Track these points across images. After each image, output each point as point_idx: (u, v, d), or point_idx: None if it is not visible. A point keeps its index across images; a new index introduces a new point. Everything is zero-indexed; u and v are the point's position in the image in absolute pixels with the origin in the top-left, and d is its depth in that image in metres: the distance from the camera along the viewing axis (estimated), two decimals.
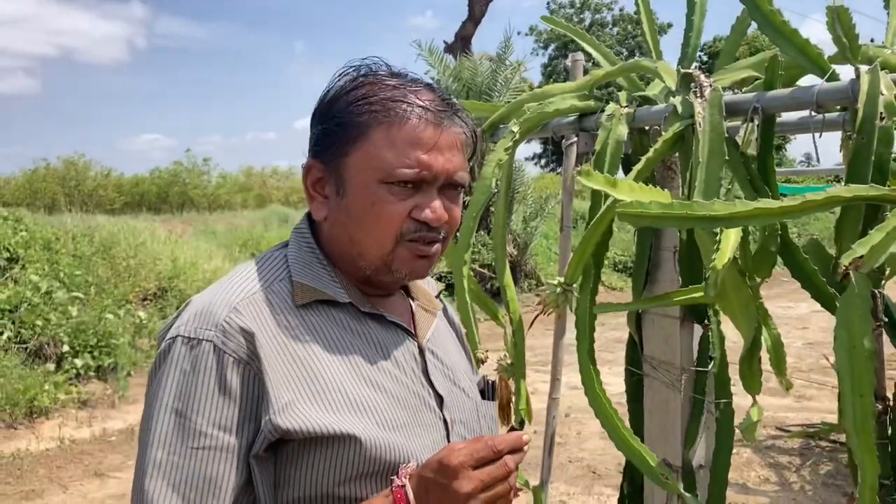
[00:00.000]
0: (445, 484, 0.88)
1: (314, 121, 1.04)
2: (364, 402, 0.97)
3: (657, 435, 1.65)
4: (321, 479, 0.94)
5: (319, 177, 1.03)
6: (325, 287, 1.02)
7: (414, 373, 1.06)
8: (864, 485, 0.97)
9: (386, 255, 1.02)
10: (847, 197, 0.95)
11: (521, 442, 0.93)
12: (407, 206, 1.00)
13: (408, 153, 0.99)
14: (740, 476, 4.34)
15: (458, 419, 1.08)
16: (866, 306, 0.98)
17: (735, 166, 1.28)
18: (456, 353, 1.20)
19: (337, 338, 1.01)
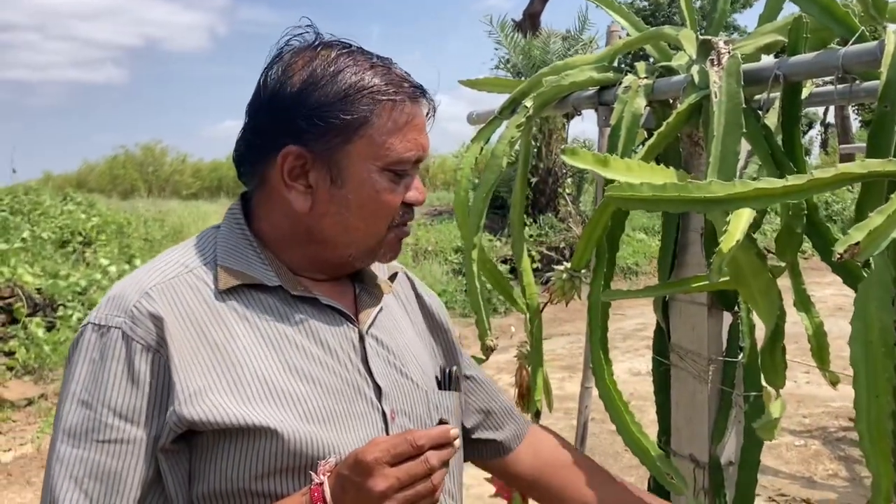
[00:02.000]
0: (360, 482, 0.83)
1: (283, 106, 0.97)
2: (287, 392, 0.92)
3: (684, 429, 1.55)
4: (237, 473, 0.89)
5: (300, 165, 0.97)
6: (251, 270, 0.98)
7: (350, 360, 1.00)
8: (878, 496, 0.87)
9: (380, 241, 1.02)
10: (860, 173, 0.84)
11: (447, 437, 0.86)
12: (401, 190, 1.01)
13: (409, 137, 0.99)
14: (807, 469, 4.15)
15: (401, 411, 1.02)
16: (886, 295, 0.88)
17: (756, 140, 1.17)
18: (413, 340, 1.13)
19: (262, 323, 0.96)
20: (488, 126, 1.64)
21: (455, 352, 1.21)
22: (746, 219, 1.01)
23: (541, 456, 1.28)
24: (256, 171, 1.02)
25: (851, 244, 0.71)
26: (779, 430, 1.09)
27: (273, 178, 0.99)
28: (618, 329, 8.06)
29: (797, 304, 1.28)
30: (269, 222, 1.02)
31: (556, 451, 1.29)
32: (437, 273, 10.28)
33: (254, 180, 1.03)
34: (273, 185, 0.99)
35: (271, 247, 1.01)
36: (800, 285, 1.27)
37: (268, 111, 0.98)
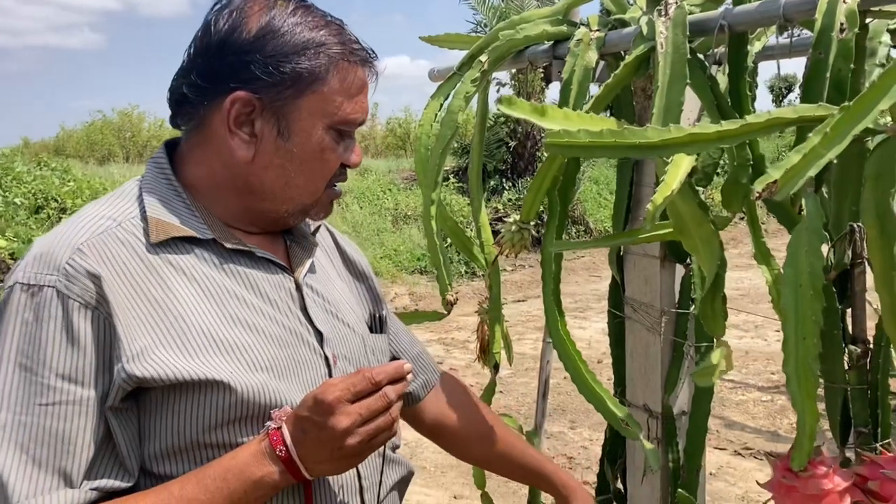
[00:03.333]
0: (322, 421, 0.85)
1: (237, 51, 0.95)
2: (232, 344, 0.92)
3: (638, 380, 1.58)
4: (188, 427, 0.89)
5: (247, 112, 0.96)
6: (183, 223, 0.96)
7: (290, 309, 1.00)
8: (803, 434, 0.90)
9: (315, 200, 1.03)
10: (792, 118, 0.85)
11: (401, 371, 0.89)
12: (341, 151, 1.01)
13: (357, 99, 1.00)
14: (773, 424, 4.24)
15: (341, 355, 1.04)
16: (817, 241, 0.90)
17: (701, 90, 1.18)
18: (343, 288, 1.15)
19: (201, 276, 0.94)
20: (447, 82, 1.63)
21: (379, 299, 1.23)
22: (684, 169, 1.02)
23: (443, 406, 1.33)
24: (196, 114, 0.99)
25: (770, 182, 0.73)
26: (717, 377, 1.11)
27: (215, 123, 0.97)
28: (593, 290, 8.13)
29: (756, 257, 1.30)
30: (203, 169, 1.00)
31: (459, 401, 1.35)
32: (416, 237, 10.28)
33: (191, 123, 1.00)
34: (214, 130, 0.97)
35: (202, 197, 0.99)
36: (759, 238, 1.29)
37: (218, 54, 0.95)
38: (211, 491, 0.86)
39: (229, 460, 0.88)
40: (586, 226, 11.67)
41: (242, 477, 0.86)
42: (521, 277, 9.21)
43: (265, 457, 0.87)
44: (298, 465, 0.87)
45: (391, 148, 20.36)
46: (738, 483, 3.64)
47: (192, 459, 0.90)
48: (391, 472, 1.10)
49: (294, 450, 0.87)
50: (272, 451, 0.87)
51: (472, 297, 8.12)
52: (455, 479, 3.84)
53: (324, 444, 0.86)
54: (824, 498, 0.95)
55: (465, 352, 6.24)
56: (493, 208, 10.77)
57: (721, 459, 3.90)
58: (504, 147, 12.10)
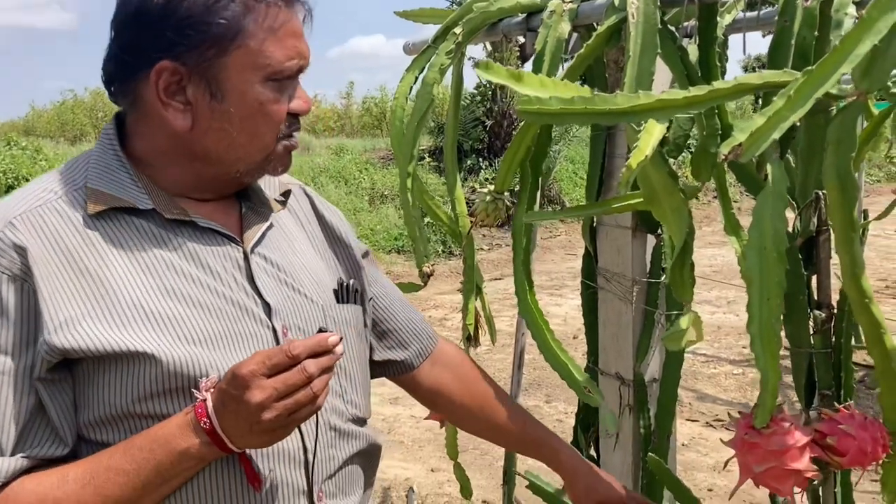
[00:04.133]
0: (237, 395, 0.83)
1: (151, 20, 0.91)
2: (164, 316, 0.91)
3: (610, 348, 1.61)
4: (118, 398, 0.89)
5: (175, 81, 0.93)
6: (122, 193, 0.94)
7: (235, 280, 0.98)
8: (765, 392, 0.93)
9: (268, 155, 0.99)
10: (758, 84, 0.87)
11: (324, 344, 0.85)
12: (285, 100, 0.97)
13: (287, 43, 0.95)
14: (744, 396, 4.33)
15: (294, 325, 1.01)
16: (781, 205, 0.92)
17: (672, 60, 1.20)
18: (309, 256, 1.12)
19: (137, 248, 0.93)
20: (422, 55, 1.63)
21: (359, 267, 1.19)
22: (656, 136, 1.03)
23: (441, 375, 1.30)
24: (129, 89, 0.96)
25: (735, 145, 0.75)
26: (686, 342, 1.14)
27: (148, 97, 0.94)
28: (568, 269, 8.18)
29: (726, 229, 1.32)
30: (145, 142, 0.98)
31: (458, 371, 1.32)
32: (393, 217, 10.27)
33: (127, 99, 0.98)
34: (149, 103, 0.95)
35: (148, 168, 0.98)
36: (729, 210, 1.31)
37: (135, 26, 0.93)
38: (138, 461, 0.86)
39: (157, 430, 0.88)
40: (562, 204, 11.70)
41: (168, 447, 0.86)
42: (498, 256, 9.24)
43: (190, 428, 0.87)
44: (222, 436, 0.86)
45: (367, 127, 20.23)
46: (709, 453, 3.71)
47: (126, 428, 0.90)
48: (345, 444, 1.07)
49: (216, 421, 0.86)
50: (197, 423, 0.86)
51: (450, 276, 8.14)
52: (432, 453, 3.88)
53: (241, 417, 0.84)
54: (785, 453, 0.98)
55: (443, 329, 6.27)
56: (469, 187, 10.77)
57: (693, 431, 3.98)
58: (480, 126, 12.08)
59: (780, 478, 1.02)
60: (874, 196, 11.34)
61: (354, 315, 1.13)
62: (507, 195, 1.35)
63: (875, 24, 0.72)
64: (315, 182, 11.18)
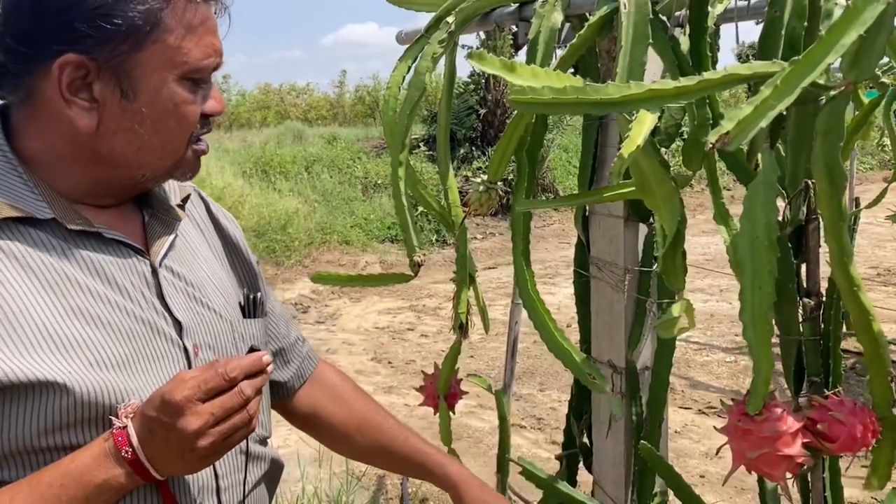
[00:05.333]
0: (170, 422, 0.78)
1: (56, 7, 0.83)
2: (73, 340, 0.83)
3: (603, 337, 1.63)
4: (20, 430, 0.80)
5: (81, 76, 0.85)
6: (17, 202, 0.85)
7: (143, 297, 0.91)
8: (758, 379, 0.94)
9: (178, 160, 0.93)
10: (747, 74, 0.88)
11: (259, 364, 0.82)
12: (199, 101, 0.92)
13: (205, 40, 0.89)
14: (736, 383, 4.36)
15: (205, 344, 0.96)
16: (772, 194, 0.93)
17: (663, 51, 1.20)
18: (212, 266, 1.05)
19: (37, 263, 0.84)
20: (415, 45, 1.63)
21: (256, 276, 1.14)
22: (648, 125, 1.04)
23: (319, 396, 1.25)
24: (22, 83, 0.87)
25: (723, 133, 0.76)
26: (678, 329, 1.15)
27: (46, 92, 0.85)
28: (562, 257, 8.21)
29: (716, 218, 1.33)
30: (40, 142, 0.88)
31: (336, 392, 1.27)
32: (386, 206, 10.27)
33: (18, 94, 0.88)
34: (47, 99, 0.86)
35: (42, 171, 0.89)
36: (719, 200, 1.32)
37: (33, 12, 0.83)
38: (46, 498, 0.78)
39: (68, 464, 0.80)
40: (556, 193, 11.72)
41: (83, 481, 0.79)
42: (492, 245, 9.26)
43: (109, 458, 0.80)
44: (146, 466, 0.80)
45: (360, 116, 20.20)
46: (701, 440, 3.74)
47: (30, 463, 0.82)
48: (254, 468, 1.02)
49: (141, 451, 0.80)
50: (117, 452, 0.80)
51: (444, 265, 8.16)
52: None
53: (173, 445, 0.79)
54: (778, 439, 1.00)
55: (437, 318, 6.29)
56: (462, 177, 10.78)
57: (686, 418, 4.01)
58: (474, 115, 12.06)
59: (773, 463, 1.04)
60: (866, 184, 11.38)
61: (260, 330, 1.08)
62: (501, 184, 1.36)
63: (861, 14, 0.73)
64: (309, 171, 11.16)
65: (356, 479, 3.27)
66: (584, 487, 1.74)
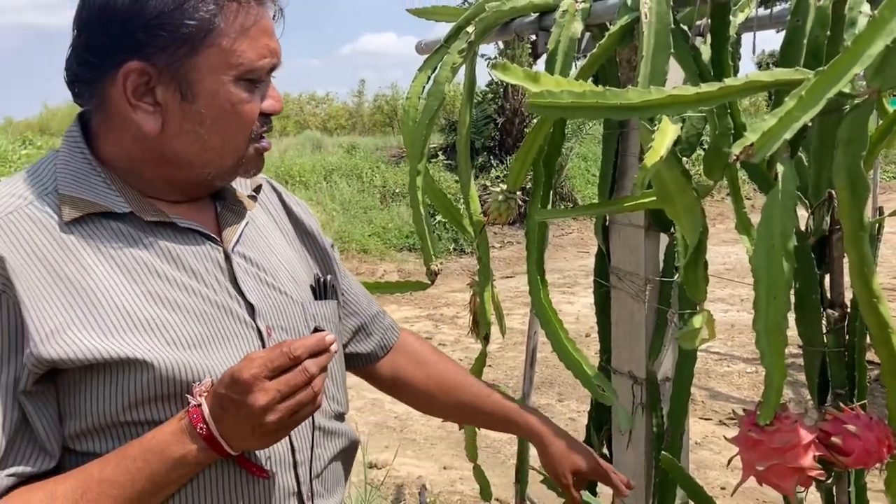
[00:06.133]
0: (240, 399, 0.82)
1: (117, 18, 0.88)
2: (152, 321, 0.88)
3: (623, 347, 1.61)
4: (108, 406, 0.86)
5: (144, 82, 0.90)
6: (98, 198, 0.91)
7: (217, 282, 0.96)
8: (770, 389, 0.93)
9: (240, 158, 0.97)
10: (769, 81, 0.87)
11: (322, 343, 0.85)
12: (257, 100, 0.95)
13: (259, 42, 0.92)
14: (757, 394, 4.30)
15: (277, 325, 1.00)
16: (791, 203, 0.92)
17: (684, 60, 1.20)
18: (285, 252, 1.10)
19: (117, 253, 0.90)
20: (435, 54, 1.64)
21: (329, 259, 1.18)
22: (671, 136, 1.04)
23: (402, 362, 1.31)
24: (94, 90, 0.93)
25: (747, 145, 0.75)
26: (700, 341, 1.14)
27: (115, 98, 0.91)
28: (581, 266, 8.17)
29: (738, 227, 1.32)
30: (114, 145, 0.94)
31: (418, 357, 1.33)
32: (404, 215, 10.28)
33: (93, 101, 0.94)
34: (116, 105, 0.91)
35: (119, 170, 0.94)
36: (741, 209, 1.31)
37: (100, 25, 0.89)
38: (131, 472, 0.83)
39: (150, 440, 0.85)
40: (574, 202, 11.69)
41: (163, 456, 0.84)
42: (510, 254, 9.24)
43: (185, 434, 0.84)
44: (220, 441, 0.85)
45: (378, 125, 20.27)
46: (722, 452, 3.70)
47: (115, 437, 0.88)
48: (328, 443, 1.06)
49: (214, 427, 0.84)
50: (192, 429, 0.84)
51: (461, 274, 8.15)
52: (445, 451, 3.89)
53: (243, 421, 0.83)
54: (788, 451, 0.98)
55: (454, 327, 6.28)
56: (481, 185, 10.78)
57: (706, 429, 3.97)
58: (492, 124, 12.07)
59: (783, 475, 1.02)
60: (890, 193, 11.24)
61: (332, 311, 1.12)
62: (519, 194, 1.36)
63: (888, 24, 0.72)
64: (327, 180, 11.21)
65: (375, 488, 3.27)
66: (604, 499, 1.73)
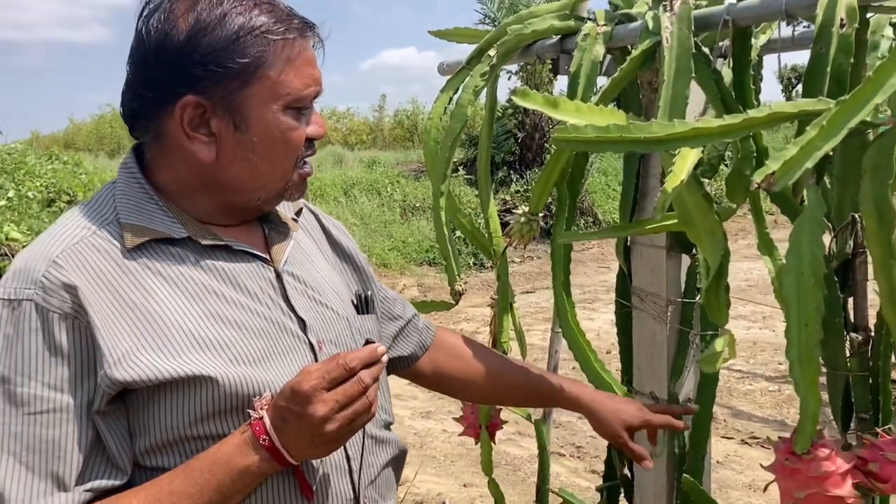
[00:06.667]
0: (300, 410, 0.87)
1: (173, 56, 0.94)
2: (214, 340, 0.93)
3: (645, 368, 1.61)
4: (176, 421, 0.91)
5: (199, 114, 0.95)
6: (157, 225, 0.97)
7: (271, 300, 1.02)
8: (805, 417, 0.93)
9: (287, 182, 1.03)
10: (792, 112, 0.88)
11: (375, 355, 0.90)
12: (303, 126, 1.00)
13: (304, 72, 0.98)
14: (780, 413, 4.26)
15: (327, 339, 1.05)
16: (819, 230, 0.92)
17: (706, 84, 1.20)
18: (327, 271, 1.16)
19: (178, 277, 0.96)
20: (457, 76, 1.66)
21: (366, 276, 1.24)
22: (691, 160, 1.05)
23: (440, 357, 1.38)
24: (150, 124, 0.99)
25: (768, 174, 0.76)
26: (721, 363, 1.14)
27: (172, 130, 0.97)
28: (601, 282, 8.15)
29: (760, 248, 1.32)
30: (170, 174, 1.00)
31: (455, 350, 1.40)
32: (424, 229, 10.31)
33: (149, 134, 1.00)
34: (173, 136, 0.97)
35: (174, 198, 1.00)
36: (763, 229, 1.31)
37: (156, 63, 0.95)
38: (199, 484, 0.88)
39: (215, 452, 0.90)
40: (594, 217, 11.67)
41: (228, 467, 0.89)
42: (530, 269, 9.23)
43: (249, 446, 0.89)
44: (282, 451, 0.89)
45: (399, 140, 20.38)
46: (744, 471, 3.66)
47: (182, 451, 0.93)
48: (380, 451, 1.12)
49: (276, 438, 0.89)
50: (255, 441, 0.89)
51: (481, 289, 8.15)
52: (465, 468, 3.88)
53: (304, 431, 0.88)
54: (826, 479, 0.98)
55: None
56: (500, 200, 10.79)
57: (728, 448, 3.93)
58: (512, 139, 12.10)
59: None
60: None
61: (373, 324, 1.18)
62: (541, 215, 1.37)
63: None
64: (347, 194, 11.28)
65: None
66: None
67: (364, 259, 1.28)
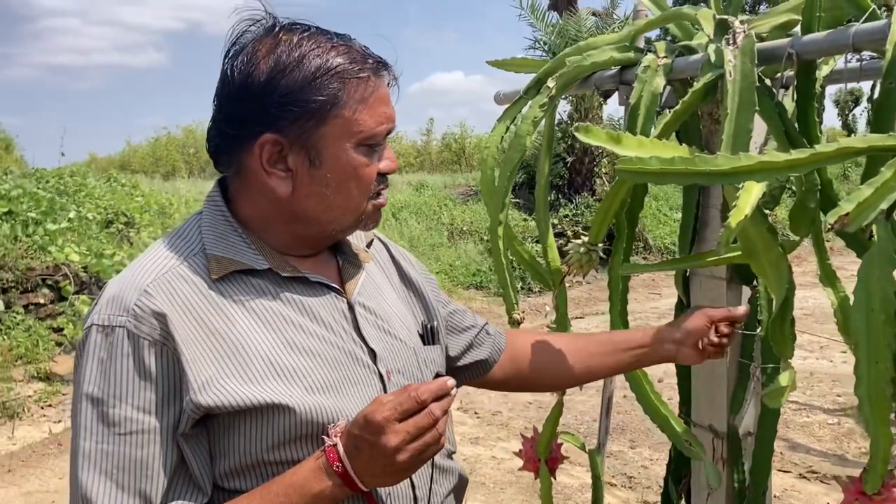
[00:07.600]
0: (373, 440, 0.89)
1: (253, 96, 0.98)
2: (291, 369, 0.98)
3: (704, 400, 1.59)
4: (254, 446, 0.95)
5: (277, 151, 1.00)
6: (240, 257, 1.02)
7: (344, 330, 1.06)
8: (876, 457, 0.91)
9: (360, 214, 1.07)
10: (861, 148, 0.87)
11: (445, 388, 0.92)
12: (376, 162, 1.04)
13: (378, 111, 1.02)
14: (839, 447, 4.14)
15: (395, 369, 1.09)
16: (889, 266, 0.91)
17: (770, 117, 1.20)
18: (395, 302, 1.19)
19: (258, 307, 1.00)
20: (514, 106, 1.68)
21: (430, 306, 1.26)
22: (756, 194, 1.04)
23: (518, 353, 1.40)
24: (232, 160, 1.04)
25: (842, 215, 0.75)
26: (786, 398, 1.13)
27: (252, 166, 1.02)
28: (653, 308, 8.04)
29: (822, 279, 1.30)
30: (251, 207, 1.05)
31: (528, 342, 1.42)
32: (471, 252, 10.33)
33: (231, 168, 1.06)
34: (252, 171, 1.02)
35: (255, 230, 1.05)
36: (824, 260, 1.29)
37: (238, 101, 1.00)
38: None
39: (291, 476, 0.94)
40: (645, 242, 11.54)
41: (303, 491, 0.92)
42: (579, 294, 9.17)
43: (323, 472, 0.93)
44: (354, 478, 0.92)
45: (446, 163, 20.48)
46: None
47: (259, 475, 0.97)
48: (444, 480, 1.15)
49: (349, 464, 0.92)
50: (329, 467, 0.92)
51: (530, 313, 8.11)
52: (514, 496, 3.85)
53: (376, 459, 0.90)
54: None
55: None
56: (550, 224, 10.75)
57: (786, 482, 3.83)
58: (561, 163, 12.06)
59: None
60: None
61: (439, 354, 1.21)
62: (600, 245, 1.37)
63: None
64: (396, 217, 11.36)
65: None
66: None
67: (433, 284, 1.31)
